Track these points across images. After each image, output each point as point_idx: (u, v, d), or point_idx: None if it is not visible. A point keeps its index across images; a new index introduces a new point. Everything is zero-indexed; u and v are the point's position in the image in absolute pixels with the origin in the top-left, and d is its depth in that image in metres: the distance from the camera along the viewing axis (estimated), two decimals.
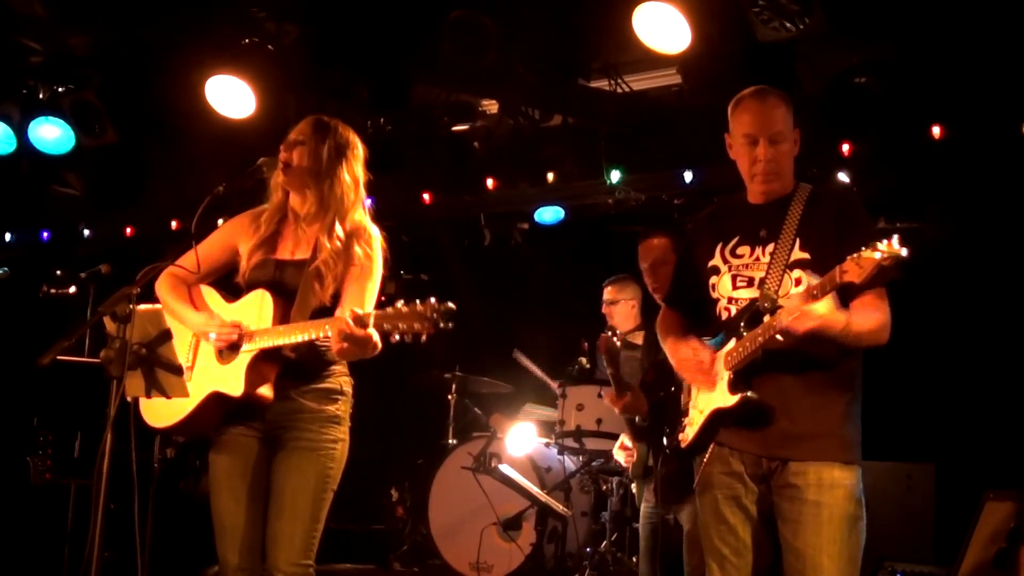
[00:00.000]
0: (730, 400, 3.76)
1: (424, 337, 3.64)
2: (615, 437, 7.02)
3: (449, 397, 8.42)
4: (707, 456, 3.90)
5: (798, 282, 3.69)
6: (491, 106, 8.04)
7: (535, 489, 7.05)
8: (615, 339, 5.52)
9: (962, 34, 5.99)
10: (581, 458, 7.39)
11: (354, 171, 4.24)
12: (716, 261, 3.94)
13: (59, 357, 3.70)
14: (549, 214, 8.55)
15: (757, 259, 3.84)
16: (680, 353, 3.96)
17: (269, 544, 4.02)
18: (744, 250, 3.89)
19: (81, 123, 7.83)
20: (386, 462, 8.95)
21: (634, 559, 6.85)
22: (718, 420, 3.84)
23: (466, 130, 8.14)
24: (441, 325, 3.61)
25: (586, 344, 7.99)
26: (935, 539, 6.41)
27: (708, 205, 7.92)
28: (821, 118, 6.50)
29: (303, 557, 4.00)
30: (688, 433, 3.96)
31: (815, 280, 3.47)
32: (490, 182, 8.14)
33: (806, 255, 3.73)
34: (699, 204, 8.07)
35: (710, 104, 6.71)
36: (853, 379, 3.82)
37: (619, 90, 7.33)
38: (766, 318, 3.63)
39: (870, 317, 3.62)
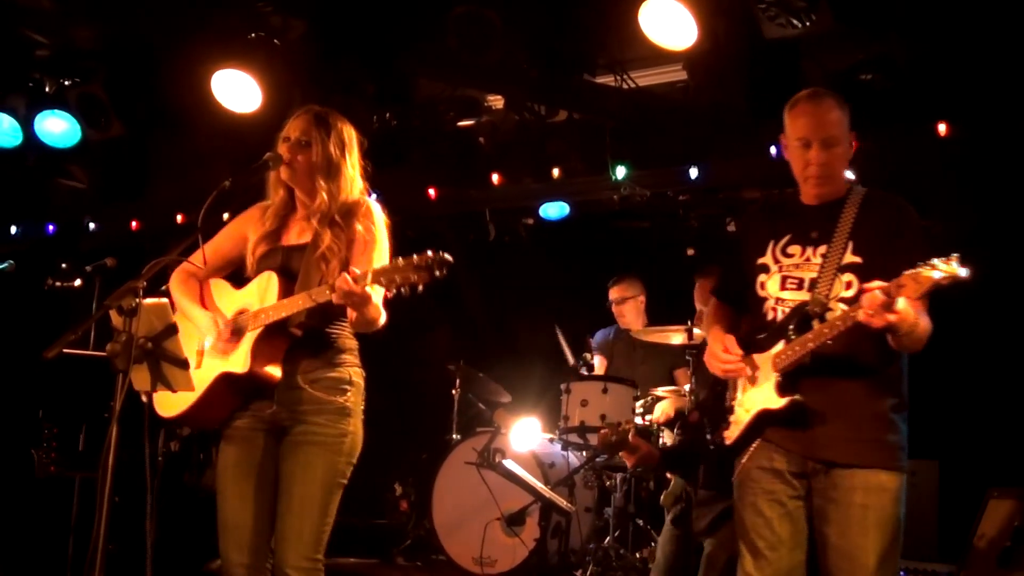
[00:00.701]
0: (778, 402, 3.79)
1: (421, 287, 3.67)
2: None
3: (453, 392, 8.42)
4: (750, 451, 3.92)
5: (848, 285, 3.73)
6: (496, 101, 8.05)
7: (539, 484, 7.05)
8: (611, 436, 5.59)
9: (969, 30, 5.98)
10: (585, 454, 7.40)
11: (356, 163, 4.27)
12: (767, 259, 3.96)
13: (65, 350, 3.70)
14: (554, 210, 8.55)
15: (808, 259, 3.87)
16: (712, 347, 4.02)
17: (278, 540, 4.03)
18: (795, 249, 3.92)
19: (87, 116, 7.83)
20: (390, 456, 8.95)
21: (637, 555, 6.87)
22: (764, 420, 3.86)
23: (471, 125, 8.15)
24: (437, 273, 3.65)
25: (591, 340, 8.00)
26: (939, 537, 6.41)
27: (714, 201, 8.00)
28: None
29: (312, 552, 4.00)
30: (733, 431, 3.98)
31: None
32: (495, 177, 8.15)
33: (858, 259, 3.76)
34: (704, 200, 8.09)
35: (716, 101, 6.75)
36: (898, 384, 3.85)
37: (625, 86, 7.33)
38: (815, 322, 3.68)
39: (926, 320, 3.66)
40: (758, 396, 3.88)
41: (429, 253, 3.66)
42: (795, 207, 4.02)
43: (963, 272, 3.27)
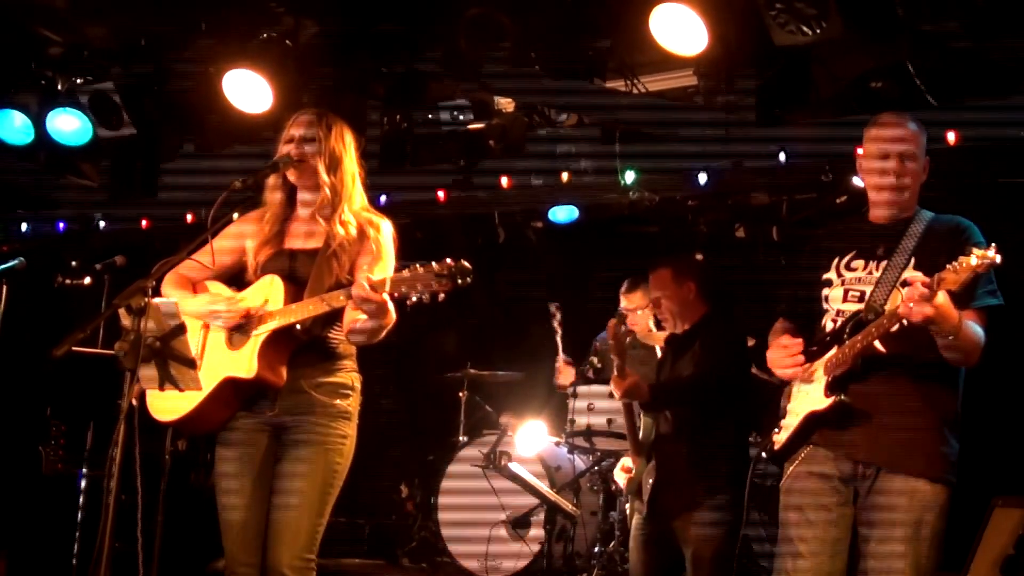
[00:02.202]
0: (824, 403, 3.83)
1: (442, 296, 3.62)
2: (625, 437, 7.04)
3: (460, 394, 8.43)
4: (801, 456, 3.96)
5: None
6: (507, 104, 8.05)
7: (544, 488, 7.05)
8: (623, 329, 5.58)
9: (978, 39, 5.97)
10: (591, 457, 7.40)
11: (356, 158, 4.32)
12: (831, 274, 4.03)
13: (73, 348, 3.71)
14: (563, 213, 8.54)
15: (870, 273, 3.93)
16: (771, 349, 4.06)
17: (272, 537, 4.04)
18: (858, 264, 3.98)
19: (99, 115, 7.83)
20: (396, 458, 8.96)
21: None
22: (812, 424, 3.90)
23: (481, 128, 8.14)
24: (459, 281, 3.60)
25: (598, 344, 7.99)
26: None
27: (723, 207, 7.98)
28: (836, 122, 6.49)
29: (306, 551, 4.02)
30: (781, 436, 4.02)
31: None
32: (504, 180, 8.14)
33: (918, 274, 3.76)
34: (713, 206, 8.07)
35: (726, 106, 6.75)
36: (953, 399, 3.90)
37: (635, 90, 7.33)
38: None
39: (976, 329, 3.71)
40: (807, 400, 3.93)
41: (449, 261, 3.61)
42: (863, 225, 4.10)
43: (998, 258, 3.37)
